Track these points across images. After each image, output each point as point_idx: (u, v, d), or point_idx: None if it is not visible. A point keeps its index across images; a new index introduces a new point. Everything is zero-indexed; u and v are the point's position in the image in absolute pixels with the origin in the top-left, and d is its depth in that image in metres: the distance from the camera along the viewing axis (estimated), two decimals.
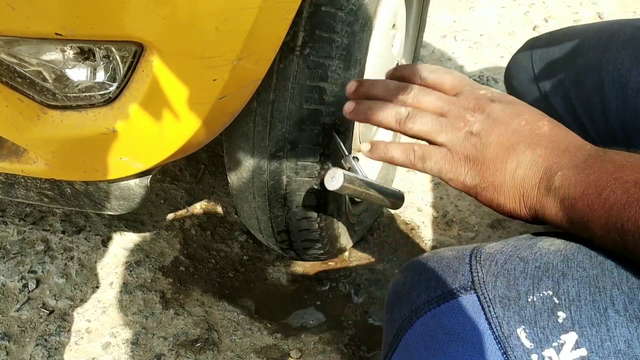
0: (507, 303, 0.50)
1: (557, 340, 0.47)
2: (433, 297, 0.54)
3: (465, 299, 0.52)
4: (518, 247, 0.55)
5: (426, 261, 0.58)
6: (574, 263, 0.50)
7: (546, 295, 0.49)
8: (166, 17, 0.60)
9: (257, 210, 1.00)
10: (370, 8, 0.86)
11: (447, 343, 0.51)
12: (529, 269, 0.51)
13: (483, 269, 0.53)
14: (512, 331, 0.49)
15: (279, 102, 0.84)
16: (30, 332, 1.11)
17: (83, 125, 0.71)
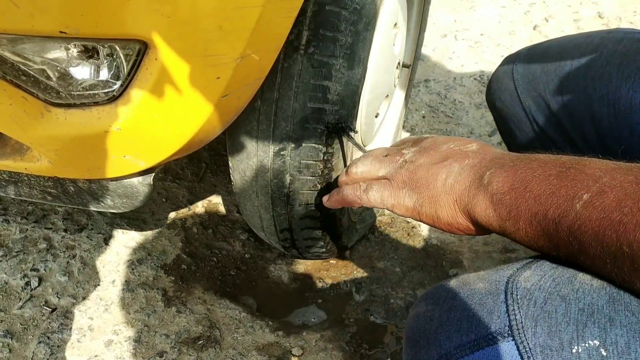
0: (550, 354, 0.45)
1: None
2: (466, 342, 0.50)
3: (502, 347, 0.47)
4: (557, 281, 0.50)
5: (455, 294, 0.53)
6: (621, 306, 0.45)
7: (592, 345, 0.44)
8: (170, 15, 0.61)
9: (260, 209, 1.00)
10: (374, 7, 0.86)
11: None
12: (571, 312, 0.46)
13: (521, 311, 0.48)
14: None
15: (283, 100, 0.84)
16: (33, 330, 1.11)
17: (87, 123, 0.72)
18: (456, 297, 0.53)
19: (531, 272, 0.51)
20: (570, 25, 2.24)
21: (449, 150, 0.64)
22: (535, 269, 0.52)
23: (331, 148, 0.89)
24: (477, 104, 1.83)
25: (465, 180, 0.59)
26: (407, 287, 1.25)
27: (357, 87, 0.87)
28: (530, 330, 0.46)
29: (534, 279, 0.50)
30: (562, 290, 0.48)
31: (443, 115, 1.78)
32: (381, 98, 1.13)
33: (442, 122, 1.75)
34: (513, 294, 0.49)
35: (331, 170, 0.92)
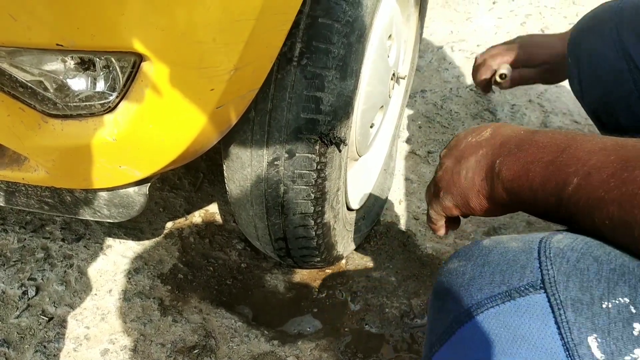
0: (580, 307, 0.47)
1: (630, 354, 0.44)
2: (497, 293, 0.51)
3: (533, 298, 0.49)
4: (589, 244, 0.52)
5: (489, 251, 0.55)
6: None
7: (622, 302, 0.46)
8: (164, 28, 0.62)
9: (254, 218, 1.01)
10: (367, 19, 0.88)
11: (510, 343, 0.49)
12: (603, 271, 0.48)
13: (554, 267, 0.50)
14: (582, 339, 0.46)
15: (276, 111, 0.86)
16: (30, 339, 1.12)
17: (83, 134, 0.73)
18: (489, 253, 0.55)
19: (563, 236, 0.53)
20: None
21: (466, 145, 0.69)
22: (566, 234, 0.54)
23: (324, 158, 0.90)
24: (473, 114, 1.84)
25: (481, 172, 0.65)
26: (402, 296, 1.26)
27: (350, 98, 0.88)
28: (562, 284, 0.48)
29: (567, 241, 0.52)
30: (595, 252, 0.50)
31: (439, 125, 1.80)
32: (376, 109, 1.15)
33: (439, 132, 1.77)
34: (546, 252, 0.51)
35: (324, 179, 0.93)
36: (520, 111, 1.86)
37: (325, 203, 0.98)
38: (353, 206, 1.22)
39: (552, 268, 0.50)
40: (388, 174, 1.47)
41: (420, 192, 1.54)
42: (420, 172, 1.61)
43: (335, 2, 0.81)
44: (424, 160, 1.65)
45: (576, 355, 0.46)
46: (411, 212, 1.47)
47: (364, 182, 1.32)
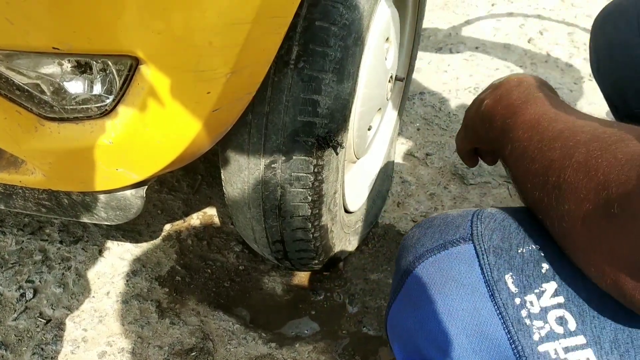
0: (500, 253, 0.56)
1: (539, 287, 0.53)
2: (435, 246, 0.60)
3: (463, 247, 0.58)
4: (518, 210, 0.61)
5: (434, 219, 0.65)
6: None
7: (534, 248, 0.55)
8: (161, 31, 0.62)
9: (252, 221, 1.02)
10: (364, 22, 0.88)
11: (443, 284, 0.58)
12: (522, 227, 0.57)
13: (482, 224, 0.59)
14: (500, 277, 0.55)
15: (273, 114, 0.86)
16: (27, 341, 1.12)
17: (80, 137, 0.73)
18: (434, 220, 0.65)
19: (496, 209, 0.62)
20: (564, 38, 2.26)
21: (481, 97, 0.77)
22: (499, 208, 0.63)
23: (321, 160, 0.90)
24: None
25: (477, 111, 0.72)
26: None
27: (347, 101, 0.89)
28: (487, 236, 0.58)
29: (497, 209, 0.62)
30: (520, 215, 0.60)
31: (438, 127, 1.80)
32: (373, 111, 1.15)
33: (437, 134, 1.77)
34: (479, 215, 0.61)
35: (322, 182, 0.93)
36: None
37: (323, 206, 0.98)
38: (351, 208, 1.22)
39: (480, 225, 0.59)
40: (386, 176, 1.47)
41: (418, 194, 1.54)
42: (419, 174, 1.61)
43: (332, 5, 0.82)
44: (422, 162, 1.66)
45: (495, 290, 0.55)
46: (409, 215, 1.47)
47: (362, 185, 1.32)
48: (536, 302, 0.53)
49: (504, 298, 0.54)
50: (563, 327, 0.52)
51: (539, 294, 0.53)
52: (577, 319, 0.52)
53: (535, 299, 0.53)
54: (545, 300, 0.53)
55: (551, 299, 0.53)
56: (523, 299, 0.54)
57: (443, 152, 1.69)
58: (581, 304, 0.52)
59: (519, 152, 0.59)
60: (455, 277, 0.57)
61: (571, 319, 0.52)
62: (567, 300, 0.52)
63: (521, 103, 0.64)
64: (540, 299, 0.53)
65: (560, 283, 0.53)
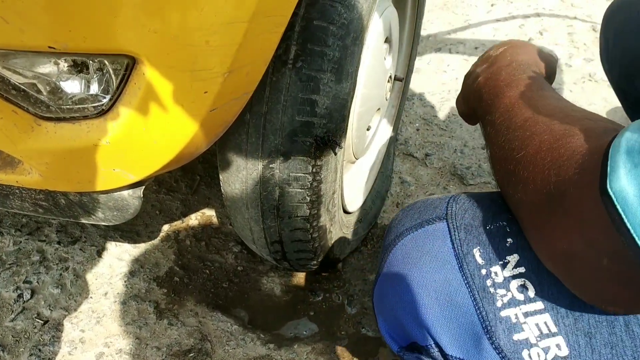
0: (470, 229, 0.62)
1: (503, 259, 0.59)
2: (413, 224, 0.67)
3: (437, 225, 0.64)
4: (493, 193, 0.66)
5: (416, 202, 0.72)
6: None
7: (501, 225, 0.60)
8: (157, 30, 0.62)
9: (250, 221, 1.01)
10: (362, 22, 0.88)
11: (419, 258, 0.64)
12: (493, 207, 0.63)
13: (457, 205, 0.65)
14: (469, 250, 0.60)
15: (271, 114, 0.85)
16: (25, 342, 1.11)
17: (76, 136, 0.72)
18: (416, 203, 0.71)
19: (474, 192, 0.68)
20: (564, 38, 2.25)
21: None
22: (477, 192, 0.68)
23: (320, 161, 0.89)
24: None
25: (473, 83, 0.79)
26: None
27: (345, 101, 0.88)
28: (460, 215, 0.64)
29: (474, 193, 0.67)
30: (493, 196, 0.65)
31: (437, 127, 1.79)
32: (372, 111, 1.14)
33: (436, 134, 1.76)
34: (455, 198, 0.67)
35: (320, 182, 0.92)
36: None
37: (321, 206, 0.97)
38: (350, 209, 1.21)
39: (455, 206, 0.65)
40: (385, 177, 1.46)
41: (417, 194, 1.54)
42: (418, 175, 1.61)
43: (330, 5, 0.81)
44: (421, 162, 1.65)
45: (464, 262, 0.60)
46: None
47: (361, 185, 1.32)
48: (500, 272, 0.58)
49: (472, 269, 0.59)
50: (524, 294, 0.57)
51: (503, 265, 0.58)
52: (537, 287, 0.56)
53: (499, 270, 0.58)
54: (508, 271, 0.58)
55: (513, 269, 0.58)
56: (488, 270, 0.59)
57: (442, 152, 1.69)
58: (540, 273, 0.56)
59: (492, 135, 0.64)
60: (430, 252, 0.63)
61: (531, 287, 0.57)
62: (527, 270, 0.57)
63: (505, 85, 0.68)
64: (504, 270, 0.58)
65: (522, 255, 0.58)
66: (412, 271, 0.63)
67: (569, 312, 0.55)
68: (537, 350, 0.55)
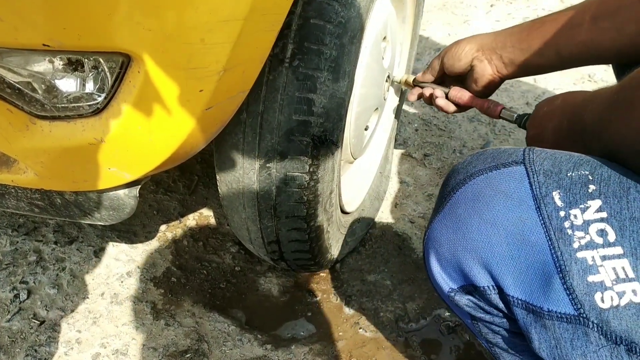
0: (549, 174, 0.60)
1: (584, 204, 0.57)
2: (486, 166, 0.65)
3: (514, 168, 0.62)
4: (567, 151, 0.65)
5: (486, 150, 0.69)
6: (611, 164, 0.60)
7: (583, 173, 0.59)
8: (152, 28, 0.61)
9: (247, 221, 1.01)
10: (360, 20, 0.87)
11: (492, 197, 0.62)
12: (573, 158, 0.62)
13: (534, 153, 0.63)
14: (548, 192, 0.59)
15: (268, 113, 0.85)
16: (21, 343, 1.11)
17: (71, 135, 0.72)
18: (487, 151, 0.68)
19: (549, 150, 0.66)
20: None
21: None
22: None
23: (317, 160, 0.89)
24: (469, 117, 1.83)
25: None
26: (397, 300, 1.25)
27: (343, 100, 0.88)
28: (538, 162, 0.62)
29: (549, 150, 0.65)
30: (571, 152, 0.63)
31: (436, 128, 1.79)
32: (370, 111, 1.14)
33: (435, 135, 1.76)
34: (531, 149, 0.65)
35: (317, 182, 0.92)
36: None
37: (319, 206, 0.97)
38: (347, 209, 1.21)
39: (532, 153, 0.63)
40: (384, 177, 1.46)
41: (416, 195, 1.53)
42: (417, 175, 1.60)
43: (327, 3, 0.81)
44: (420, 163, 1.65)
45: (542, 203, 0.59)
46: (407, 216, 1.46)
47: (359, 185, 1.31)
48: (580, 215, 0.57)
49: (549, 210, 0.58)
50: (603, 238, 0.56)
51: (584, 209, 0.57)
52: (617, 232, 0.55)
53: (579, 213, 0.57)
54: (588, 215, 0.57)
55: (595, 213, 0.57)
56: (567, 212, 0.58)
57: (441, 152, 1.68)
58: (623, 220, 0.55)
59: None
60: (504, 191, 0.61)
61: (611, 232, 0.56)
62: (609, 215, 0.56)
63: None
64: (584, 213, 0.57)
65: (605, 201, 0.57)
66: (482, 209, 0.62)
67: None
68: (610, 293, 0.55)
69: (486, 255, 0.61)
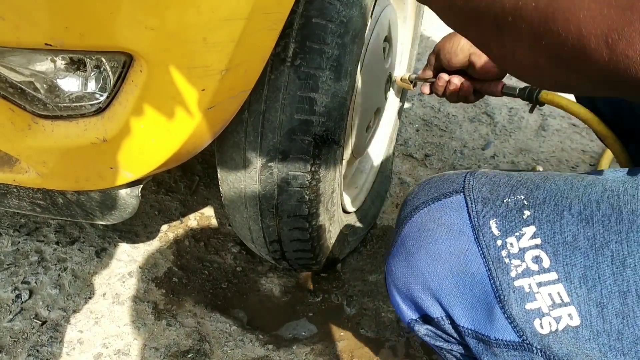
0: (487, 202, 0.62)
1: (519, 231, 0.59)
2: (430, 198, 0.67)
3: (454, 198, 0.64)
4: (510, 170, 0.67)
5: (432, 177, 0.71)
6: (549, 180, 0.61)
7: (519, 198, 0.61)
8: (154, 27, 0.61)
9: (249, 221, 1.01)
10: (361, 20, 0.87)
11: (435, 230, 0.64)
12: (511, 181, 0.63)
13: (474, 179, 0.65)
14: (486, 222, 0.61)
15: (270, 112, 0.85)
16: (23, 343, 1.11)
17: (74, 135, 0.72)
18: (433, 178, 0.70)
19: (490, 169, 0.68)
20: None
21: None
22: (494, 169, 0.68)
23: (318, 159, 0.89)
24: (470, 117, 1.83)
25: None
26: None
27: (344, 99, 0.88)
28: (477, 189, 0.63)
29: (491, 169, 0.67)
30: (511, 173, 0.65)
31: (437, 128, 1.79)
32: (372, 111, 1.14)
33: (436, 135, 1.76)
34: (473, 173, 0.67)
35: (319, 181, 0.92)
36: (518, 114, 1.86)
37: (320, 205, 0.97)
38: (349, 209, 1.21)
39: (472, 180, 0.65)
40: (385, 177, 1.46)
41: None
42: (418, 175, 1.60)
43: (329, 2, 0.81)
44: (421, 163, 1.65)
45: (480, 233, 0.60)
46: None
47: (361, 185, 1.31)
48: (516, 243, 0.59)
49: (487, 240, 0.60)
50: (538, 265, 0.57)
51: (519, 237, 0.59)
52: (551, 258, 0.57)
53: (515, 241, 0.59)
54: (524, 242, 0.59)
55: (529, 240, 0.58)
56: (504, 241, 0.59)
57: (442, 153, 1.68)
58: (556, 245, 0.57)
59: None
60: (446, 223, 0.63)
61: (546, 258, 0.57)
62: (543, 241, 0.58)
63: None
64: (519, 241, 0.59)
65: (539, 227, 0.58)
66: (427, 243, 0.64)
67: (582, 283, 0.55)
68: (548, 319, 0.56)
69: (435, 288, 0.63)
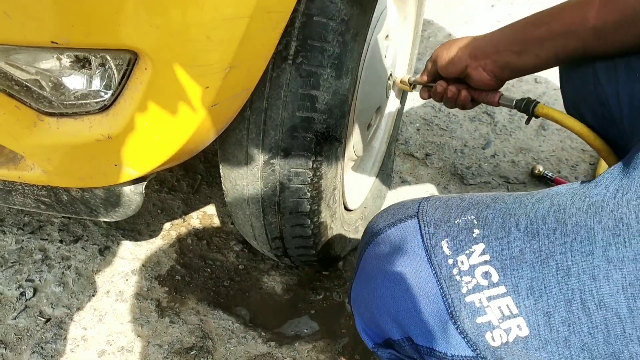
0: (439, 224, 0.65)
1: (469, 249, 0.62)
2: (386, 224, 0.71)
3: (409, 223, 0.68)
4: (464, 194, 0.70)
5: (391, 205, 0.75)
6: (499, 200, 0.65)
7: (469, 218, 0.64)
8: (159, 26, 0.62)
9: (251, 217, 1.01)
10: (362, 18, 0.88)
11: (391, 254, 0.67)
12: (463, 203, 0.66)
13: (428, 204, 0.69)
14: (438, 242, 0.64)
15: (272, 110, 0.86)
16: (27, 340, 1.12)
17: (78, 132, 0.73)
18: (391, 206, 0.75)
19: (446, 194, 0.70)
20: None
21: None
22: (450, 194, 0.72)
23: (320, 156, 0.90)
24: (470, 117, 1.84)
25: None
26: None
27: (345, 97, 0.89)
28: (430, 213, 0.67)
29: (447, 194, 0.71)
30: (464, 196, 0.69)
31: (437, 128, 1.80)
32: (373, 109, 1.15)
33: (437, 134, 1.77)
34: (428, 199, 0.70)
35: (320, 178, 0.93)
36: (518, 114, 1.87)
37: (322, 202, 0.98)
38: (351, 206, 1.22)
39: (426, 205, 0.69)
40: (386, 175, 1.47)
41: (417, 194, 1.54)
42: (418, 174, 1.61)
43: (330, 1, 0.82)
44: (421, 162, 1.66)
45: (432, 254, 0.63)
46: None
47: (362, 183, 1.32)
48: (466, 261, 0.62)
49: (439, 260, 0.63)
50: (487, 280, 0.60)
51: (469, 254, 0.62)
52: (500, 272, 0.59)
53: (465, 259, 0.62)
54: (474, 259, 0.61)
55: (479, 257, 0.61)
56: (455, 259, 0.62)
57: (442, 152, 1.69)
58: (504, 260, 0.60)
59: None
60: (401, 247, 0.67)
61: (494, 273, 0.60)
62: (492, 257, 0.60)
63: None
64: (469, 258, 0.62)
65: (487, 243, 0.61)
66: (385, 267, 0.67)
67: (529, 294, 0.58)
68: (499, 331, 0.58)
69: (394, 310, 0.65)
